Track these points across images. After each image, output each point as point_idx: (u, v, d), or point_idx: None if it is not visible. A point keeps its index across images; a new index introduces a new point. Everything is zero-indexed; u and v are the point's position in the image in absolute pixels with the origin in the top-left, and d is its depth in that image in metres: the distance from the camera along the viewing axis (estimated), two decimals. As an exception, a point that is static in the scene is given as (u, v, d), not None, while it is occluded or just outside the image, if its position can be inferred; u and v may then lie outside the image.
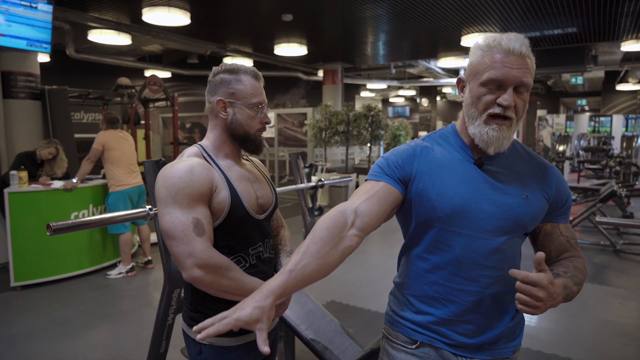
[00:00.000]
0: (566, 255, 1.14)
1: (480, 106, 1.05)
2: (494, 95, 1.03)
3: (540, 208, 1.10)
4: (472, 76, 1.07)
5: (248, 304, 0.89)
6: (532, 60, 1.04)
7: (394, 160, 1.13)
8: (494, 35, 1.06)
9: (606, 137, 12.77)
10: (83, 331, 3.20)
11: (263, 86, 1.36)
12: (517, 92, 1.03)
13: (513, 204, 1.07)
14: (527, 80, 1.02)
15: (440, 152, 1.13)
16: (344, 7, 6.02)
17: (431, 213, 1.09)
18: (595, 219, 2.43)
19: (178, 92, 10.55)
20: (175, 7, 5.98)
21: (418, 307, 1.14)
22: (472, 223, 1.06)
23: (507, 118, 1.03)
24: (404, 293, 1.18)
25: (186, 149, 1.33)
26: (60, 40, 6.92)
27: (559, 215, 1.15)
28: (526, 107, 1.07)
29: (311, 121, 9.33)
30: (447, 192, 1.07)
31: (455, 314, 1.09)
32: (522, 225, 1.09)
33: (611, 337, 3.13)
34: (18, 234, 3.96)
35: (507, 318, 1.12)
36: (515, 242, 1.11)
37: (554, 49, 8.45)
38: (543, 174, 1.14)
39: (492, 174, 1.09)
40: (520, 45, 1.02)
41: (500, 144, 1.04)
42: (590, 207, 5.60)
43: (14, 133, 5.16)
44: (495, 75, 1.01)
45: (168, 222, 1.16)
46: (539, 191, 1.11)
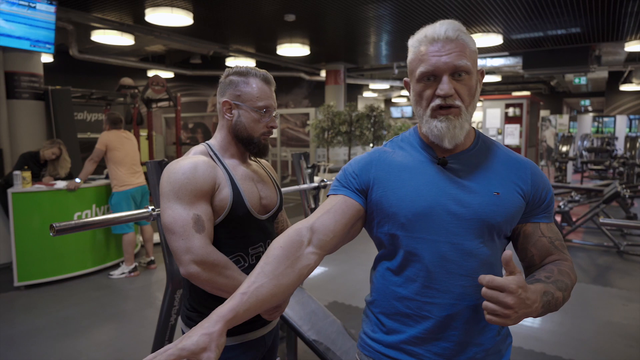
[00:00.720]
0: (550, 258, 1.04)
1: (423, 103, 1.00)
2: (432, 89, 0.98)
3: (514, 206, 1.00)
4: (410, 74, 1.03)
5: (195, 331, 0.80)
6: (466, 42, 0.97)
7: (351, 171, 1.08)
8: (422, 29, 1.01)
9: (610, 138, 12.73)
10: (86, 331, 3.21)
11: (274, 90, 1.36)
12: (456, 77, 0.97)
13: (482, 203, 0.98)
14: (461, 63, 0.95)
15: (402, 155, 1.07)
16: (346, 8, 6.02)
17: (393, 220, 1.01)
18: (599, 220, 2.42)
19: (181, 93, 10.58)
20: (178, 8, 5.99)
21: (389, 326, 1.04)
22: (439, 227, 0.97)
23: (452, 107, 0.97)
24: (375, 312, 1.08)
25: (194, 147, 1.34)
26: (64, 41, 6.93)
27: (538, 214, 1.05)
28: (474, 91, 1.00)
29: (314, 121, 9.33)
30: (408, 196, 1.00)
31: (430, 330, 0.99)
32: (494, 226, 0.98)
33: (614, 338, 3.11)
34: (21, 234, 3.97)
35: (489, 334, 1.01)
36: (492, 246, 1.00)
37: (557, 49, 8.43)
38: (516, 169, 1.04)
39: (458, 172, 1.01)
40: (445, 30, 0.96)
41: (452, 134, 0.98)
42: (593, 208, 5.58)
43: (18, 133, 5.18)
44: (426, 68, 0.96)
45: (169, 217, 1.18)
46: (512, 188, 1.01)
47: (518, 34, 7.46)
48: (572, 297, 3.56)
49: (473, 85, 0.99)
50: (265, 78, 1.33)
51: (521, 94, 12.03)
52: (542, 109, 16.42)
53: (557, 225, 5.59)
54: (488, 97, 11.52)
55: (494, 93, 15.31)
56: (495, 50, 8.74)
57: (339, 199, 1.05)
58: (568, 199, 6.17)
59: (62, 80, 7.32)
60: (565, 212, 5.63)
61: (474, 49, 1.00)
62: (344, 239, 1.04)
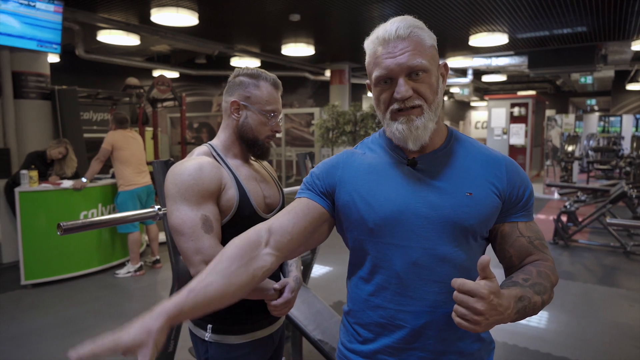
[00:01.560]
0: (530, 259, 0.98)
1: (382, 106, 0.96)
2: (389, 92, 0.93)
3: (489, 207, 0.94)
4: (369, 79, 0.98)
5: (134, 325, 0.76)
6: (420, 37, 0.92)
7: (317, 174, 1.04)
8: (375, 29, 0.96)
9: (616, 138, 12.64)
10: (92, 330, 3.23)
11: (281, 96, 1.39)
12: (414, 77, 0.91)
13: (454, 204, 0.93)
14: (415, 63, 0.90)
15: (371, 156, 1.02)
16: (351, 7, 6.02)
17: (361, 225, 0.97)
18: (605, 220, 2.41)
19: (186, 92, 10.61)
20: (183, 8, 6.01)
21: (365, 336, 1.00)
22: (409, 231, 0.93)
23: (412, 107, 0.92)
24: (351, 322, 1.05)
25: (196, 147, 1.35)
26: (70, 41, 6.98)
27: (516, 212, 0.98)
28: (435, 88, 0.95)
29: (318, 121, 9.34)
30: (376, 200, 0.95)
31: (405, 340, 0.94)
32: (468, 228, 0.93)
33: (621, 339, 3.09)
34: (28, 233, 4.00)
35: (468, 341, 0.97)
36: (467, 250, 0.95)
37: (563, 48, 8.38)
38: (490, 166, 0.98)
39: (428, 173, 0.96)
40: (396, 28, 0.91)
41: (415, 135, 0.93)
42: (600, 208, 5.55)
43: (25, 133, 5.22)
44: (380, 72, 0.92)
45: (177, 218, 1.18)
46: (485, 187, 0.95)
47: (523, 33, 7.43)
48: (579, 298, 3.55)
49: (434, 82, 0.94)
50: (274, 83, 1.35)
51: (526, 93, 11.98)
52: (547, 108, 16.34)
53: (563, 226, 5.56)
54: (493, 97, 11.47)
55: (499, 92, 15.25)
56: (501, 49, 8.70)
57: (301, 201, 1.02)
58: (574, 199, 6.14)
59: (69, 80, 7.36)
60: (571, 212, 5.60)
61: (431, 44, 0.94)
62: (304, 243, 1.00)
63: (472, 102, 18.89)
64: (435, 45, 0.96)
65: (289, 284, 1.32)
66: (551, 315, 3.49)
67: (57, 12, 5.16)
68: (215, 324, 1.29)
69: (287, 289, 1.30)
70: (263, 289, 1.26)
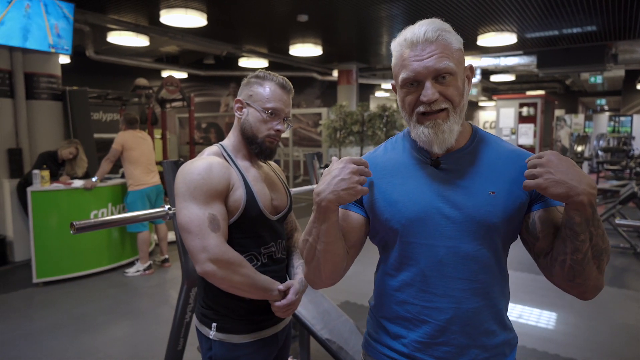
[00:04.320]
0: None
1: (407, 109, 0.97)
2: (416, 95, 0.94)
3: (513, 204, 0.94)
4: (395, 80, 0.99)
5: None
6: (448, 41, 0.93)
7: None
8: (403, 30, 0.96)
9: (626, 138, 12.50)
10: (102, 327, 3.27)
11: (291, 97, 1.38)
12: (440, 80, 0.92)
13: (477, 204, 0.94)
14: (442, 66, 0.90)
15: (394, 157, 1.04)
16: (359, 8, 6.02)
17: (386, 225, 0.99)
18: (615, 221, 2.39)
19: (194, 93, 10.67)
20: (192, 9, 6.05)
21: (391, 330, 1.03)
22: (433, 231, 0.95)
23: (438, 111, 0.93)
24: (377, 315, 1.08)
25: (207, 147, 1.37)
26: (81, 42, 7.05)
27: (548, 199, 0.95)
28: (462, 91, 0.95)
29: (326, 121, 9.35)
30: (400, 201, 0.97)
31: (430, 335, 0.97)
32: (491, 226, 0.94)
33: (630, 341, 3.07)
34: (40, 232, 4.06)
35: (492, 336, 0.98)
36: (492, 248, 0.96)
37: (572, 47, 8.31)
38: (515, 163, 0.98)
39: (452, 172, 0.97)
40: (424, 31, 0.92)
41: (441, 139, 0.94)
42: (609, 208, 5.50)
43: (37, 133, 5.28)
44: (407, 74, 0.93)
45: (185, 216, 1.20)
46: (509, 185, 0.95)
47: (532, 33, 7.38)
48: (587, 299, 3.45)
49: (460, 85, 0.95)
50: (281, 83, 1.34)
51: (535, 93, 11.90)
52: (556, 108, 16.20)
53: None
54: (502, 97, 11.41)
55: (508, 92, 15.15)
56: (510, 49, 8.65)
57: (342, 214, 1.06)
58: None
59: (79, 81, 7.44)
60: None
61: (458, 47, 0.95)
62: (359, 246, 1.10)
63: (480, 102, 18.79)
64: (462, 48, 0.97)
65: (294, 285, 1.33)
66: (560, 316, 3.47)
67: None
68: (219, 323, 1.30)
69: (292, 291, 1.31)
70: (267, 290, 1.27)
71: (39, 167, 4.26)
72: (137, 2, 5.83)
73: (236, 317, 1.30)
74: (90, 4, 5.87)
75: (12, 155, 5.03)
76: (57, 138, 5.36)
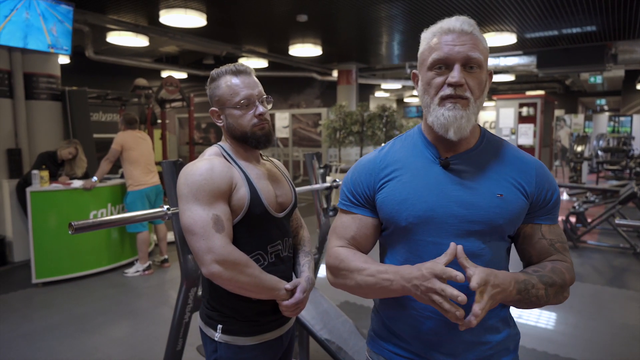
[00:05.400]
0: (549, 259, 1.03)
1: (431, 91, 0.99)
2: (443, 77, 0.97)
3: (517, 208, 0.99)
4: (420, 65, 1.02)
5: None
6: (479, 39, 0.98)
7: (351, 188, 1.11)
8: (440, 22, 1.02)
9: (626, 138, 12.50)
10: (101, 328, 3.26)
11: (254, 75, 1.34)
12: (468, 69, 0.96)
13: (485, 205, 0.97)
14: (474, 55, 0.95)
15: (404, 156, 1.06)
16: (358, 8, 6.02)
17: (394, 222, 1.02)
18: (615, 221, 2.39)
19: (194, 93, 10.64)
20: (191, 9, 6.05)
21: (396, 327, 1.05)
22: (440, 229, 0.98)
23: (461, 97, 0.96)
24: (381, 313, 1.10)
25: (208, 148, 1.36)
26: (80, 42, 7.05)
27: (541, 215, 1.03)
28: (483, 86, 0.99)
29: (325, 121, 9.35)
30: (409, 199, 1.00)
31: (436, 332, 0.99)
32: (497, 228, 0.98)
33: (630, 341, 3.07)
34: (39, 232, 4.05)
35: (496, 332, 1.02)
36: (495, 246, 1.00)
37: (572, 47, 8.31)
38: (521, 169, 1.02)
39: (460, 173, 1.00)
40: (461, 24, 0.97)
41: (459, 124, 0.95)
42: (609, 209, 5.50)
43: (36, 133, 5.28)
44: (439, 55, 0.96)
45: (189, 218, 1.19)
46: (515, 189, 0.99)
47: (532, 33, 7.38)
48: (587, 299, 3.51)
49: (483, 80, 0.99)
50: (233, 71, 1.31)
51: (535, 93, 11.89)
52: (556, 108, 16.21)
53: (572, 227, 5.52)
54: (501, 97, 11.40)
55: (508, 92, 15.15)
56: (509, 49, 8.65)
57: (355, 218, 1.10)
58: (583, 199, 6.09)
59: (79, 81, 7.44)
60: (580, 213, 5.55)
61: (486, 47, 1.00)
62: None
63: (480, 102, 18.75)
64: (488, 50, 1.02)
65: (301, 284, 1.32)
66: (560, 316, 3.47)
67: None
68: (225, 325, 1.29)
69: (299, 289, 1.30)
70: (274, 289, 1.26)
71: (38, 168, 4.26)
72: (136, 2, 5.83)
73: (242, 319, 1.29)
74: (89, 4, 5.87)
75: (11, 155, 5.02)
76: (56, 138, 5.36)
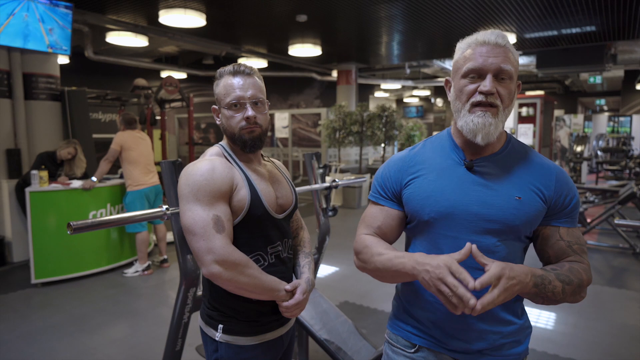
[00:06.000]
0: (567, 259, 1.09)
1: (463, 97, 1.06)
2: (476, 85, 1.04)
3: (534, 211, 1.06)
4: (454, 73, 1.10)
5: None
6: (511, 52, 1.05)
7: (381, 182, 1.21)
8: (474, 34, 1.09)
9: (626, 138, 12.51)
10: (101, 328, 3.26)
11: (256, 76, 1.32)
12: (499, 79, 1.04)
13: (503, 206, 1.04)
14: (506, 67, 1.03)
15: (432, 156, 1.15)
16: (358, 8, 6.02)
17: (418, 216, 1.11)
18: (614, 221, 2.40)
19: (193, 93, 10.67)
20: (191, 9, 6.04)
21: (415, 312, 1.14)
22: (459, 225, 1.06)
23: (491, 105, 1.04)
24: (402, 298, 1.20)
25: (209, 148, 1.36)
26: (80, 42, 7.05)
27: (559, 218, 1.09)
28: (512, 96, 1.07)
29: (325, 121, 9.35)
30: (433, 196, 1.09)
31: (451, 319, 1.07)
32: (513, 228, 1.05)
33: (630, 341, 3.07)
34: (38, 232, 4.05)
35: (507, 324, 1.09)
36: (510, 245, 1.07)
37: (572, 47, 8.32)
38: (541, 174, 1.09)
39: (483, 175, 1.08)
40: (495, 37, 1.04)
41: (487, 130, 1.03)
42: (609, 209, 5.50)
43: (35, 133, 5.28)
44: (473, 65, 1.04)
45: (189, 218, 1.19)
46: (533, 193, 1.06)
47: (532, 33, 7.38)
48: (587, 299, 3.49)
49: (512, 91, 1.06)
50: (232, 72, 1.30)
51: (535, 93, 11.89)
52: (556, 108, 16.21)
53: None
54: (501, 97, 11.34)
55: (507, 92, 15.10)
56: (509, 49, 8.64)
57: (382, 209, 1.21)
58: (583, 199, 6.09)
59: (78, 81, 7.44)
60: (579, 213, 5.55)
61: (517, 59, 1.07)
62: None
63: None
64: (518, 63, 1.09)
65: (301, 285, 1.32)
66: (559, 316, 3.47)
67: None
68: (226, 325, 1.29)
69: (299, 290, 1.30)
70: (274, 290, 1.26)
71: (38, 168, 4.25)
72: (136, 3, 5.83)
73: (242, 319, 1.29)
74: (89, 4, 5.86)
75: (10, 155, 5.02)
76: (55, 138, 5.35)
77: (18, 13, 4.74)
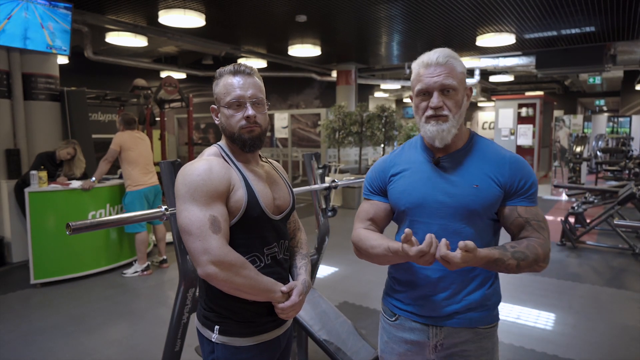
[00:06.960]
0: (524, 234, 1.26)
1: (419, 112, 1.29)
2: (426, 102, 1.26)
3: (491, 196, 1.25)
4: (412, 91, 1.31)
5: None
6: (455, 65, 1.24)
7: (370, 180, 1.45)
8: (420, 56, 1.29)
9: (625, 138, 12.51)
10: (100, 328, 3.26)
11: (255, 76, 1.32)
12: (445, 93, 1.24)
13: (463, 194, 1.25)
14: (447, 82, 1.22)
15: (408, 156, 1.38)
16: (358, 8, 6.02)
17: (397, 208, 1.36)
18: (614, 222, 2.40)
19: (193, 93, 10.66)
20: (190, 9, 6.04)
21: (398, 286, 1.39)
22: (430, 212, 1.28)
23: (440, 116, 1.24)
24: (391, 275, 1.43)
25: (206, 148, 1.36)
26: (79, 43, 7.04)
27: (515, 198, 1.27)
28: (460, 103, 1.26)
29: (325, 122, 9.34)
30: (407, 190, 1.32)
31: (427, 289, 1.30)
32: (473, 211, 1.25)
33: (629, 342, 3.07)
34: (38, 233, 4.05)
35: (478, 284, 1.28)
36: (475, 226, 1.27)
37: (571, 48, 8.32)
38: (496, 164, 1.28)
39: (447, 169, 1.29)
40: (437, 57, 1.24)
41: (441, 135, 1.25)
42: (608, 209, 5.50)
43: (35, 134, 5.27)
44: (421, 87, 1.26)
45: (185, 218, 1.19)
46: (490, 180, 1.26)
47: (531, 33, 7.38)
48: (586, 300, 3.51)
49: (459, 99, 1.27)
50: (232, 71, 1.30)
51: (534, 93, 11.90)
52: (555, 109, 16.22)
53: (571, 227, 5.52)
54: (500, 97, 11.40)
55: (507, 93, 15.16)
56: (508, 49, 8.65)
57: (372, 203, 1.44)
58: (582, 200, 6.09)
59: (77, 81, 7.44)
60: (579, 214, 5.56)
61: (461, 71, 1.26)
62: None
63: (479, 103, 18.79)
64: (465, 72, 1.29)
65: (297, 286, 1.32)
66: (558, 317, 3.47)
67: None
68: (222, 325, 1.29)
69: (295, 292, 1.30)
70: (270, 291, 1.26)
71: (37, 168, 4.25)
72: (135, 3, 5.83)
73: (239, 319, 1.29)
74: (88, 5, 5.86)
75: (9, 155, 5.02)
76: (55, 139, 5.35)
77: (17, 13, 4.74)
